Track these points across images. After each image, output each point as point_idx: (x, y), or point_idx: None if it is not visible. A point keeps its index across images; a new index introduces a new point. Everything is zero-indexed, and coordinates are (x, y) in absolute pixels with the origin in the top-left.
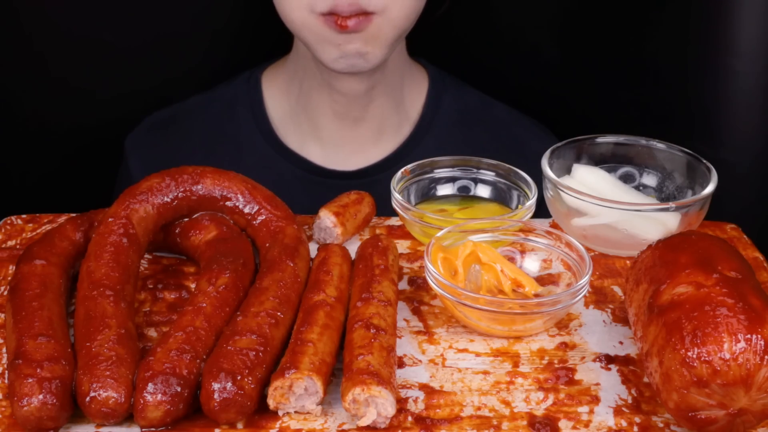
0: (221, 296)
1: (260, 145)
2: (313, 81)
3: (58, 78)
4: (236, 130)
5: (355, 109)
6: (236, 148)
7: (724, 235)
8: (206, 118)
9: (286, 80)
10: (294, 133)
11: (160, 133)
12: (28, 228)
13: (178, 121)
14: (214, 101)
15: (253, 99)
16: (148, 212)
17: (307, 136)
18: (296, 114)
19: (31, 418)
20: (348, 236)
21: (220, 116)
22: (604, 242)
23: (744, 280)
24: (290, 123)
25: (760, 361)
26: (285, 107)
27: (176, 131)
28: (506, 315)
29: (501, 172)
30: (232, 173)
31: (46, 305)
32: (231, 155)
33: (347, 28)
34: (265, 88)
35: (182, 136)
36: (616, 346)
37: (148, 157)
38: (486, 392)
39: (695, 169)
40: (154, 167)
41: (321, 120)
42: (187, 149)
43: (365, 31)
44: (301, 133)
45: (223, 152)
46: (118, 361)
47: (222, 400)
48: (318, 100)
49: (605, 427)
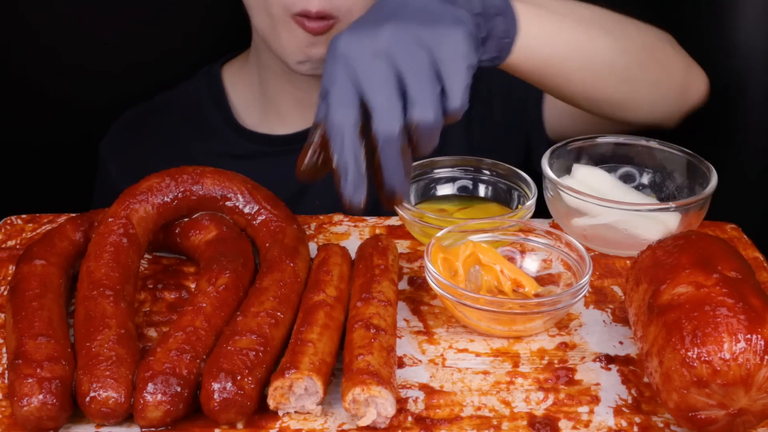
0: (221, 296)
1: (226, 132)
2: (271, 71)
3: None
4: (202, 122)
5: (315, 95)
6: (204, 139)
7: (724, 235)
8: (173, 113)
9: (246, 71)
10: (259, 120)
11: (133, 134)
12: (28, 228)
13: (148, 119)
14: (178, 97)
15: (215, 91)
16: (148, 212)
17: (273, 122)
18: (259, 102)
19: (31, 418)
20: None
21: (186, 111)
22: (604, 242)
23: (744, 280)
24: (254, 110)
25: (760, 361)
26: (248, 96)
27: (147, 130)
28: (506, 315)
29: (501, 172)
30: (232, 173)
31: (46, 305)
32: (201, 146)
33: (313, 30)
34: (227, 79)
35: (153, 134)
36: (616, 346)
37: (124, 159)
38: (486, 392)
39: (695, 169)
40: (131, 168)
41: (283, 106)
42: (160, 146)
43: (329, 34)
44: (266, 120)
45: (194, 145)
46: (118, 361)
47: (222, 400)
48: (279, 88)
49: (605, 427)
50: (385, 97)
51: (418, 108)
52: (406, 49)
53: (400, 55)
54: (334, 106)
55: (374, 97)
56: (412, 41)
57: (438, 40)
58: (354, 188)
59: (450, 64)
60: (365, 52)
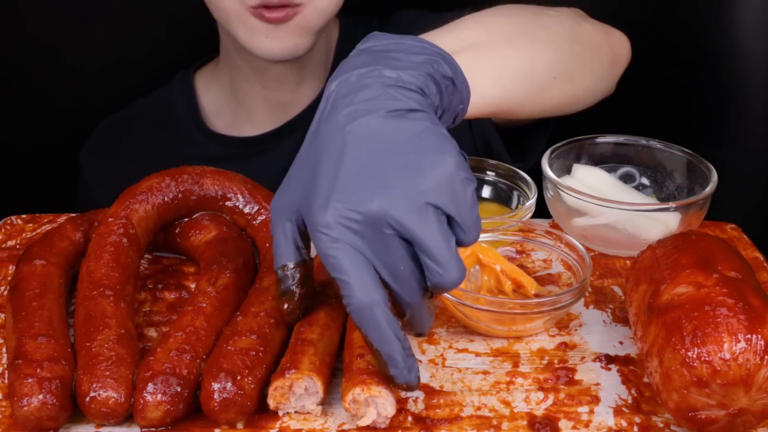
0: (221, 296)
1: (196, 136)
2: (241, 72)
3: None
4: (175, 128)
5: (284, 94)
6: (177, 144)
7: (724, 235)
8: (148, 120)
9: (217, 75)
10: (230, 123)
11: (109, 143)
12: (28, 228)
13: (124, 127)
14: (154, 103)
15: (187, 96)
16: (148, 212)
17: (243, 124)
18: (230, 105)
19: (31, 418)
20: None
21: (160, 117)
22: (604, 242)
23: (744, 280)
24: (226, 113)
25: (760, 361)
26: (221, 100)
27: (123, 138)
28: (506, 315)
29: (501, 172)
30: (232, 173)
31: (46, 305)
32: (173, 152)
33: (275, 20)
34: (199, 83)
35: (129, 142)
36: (616, 346)
37: (102, 167)
38: (486, 392)
39: (695, 169)
40: (108, 176)
41: (253, 107)
42: (136, 153)
43: (292, 21)
44: (237, 122)
45: (167, 151)
46: (118, 361)
47: (222, 400)
48: (249, 89)
49: (605, 427)
50: (408, 268)
51: (441, 272)
52: (409, 215)
53: (407, 223)
54: (357, 290)
55: (394, 274)
56: (411, 206)
57: (436, 190)
58: (408, 370)
59: (458, 207)
60: (366, 231)
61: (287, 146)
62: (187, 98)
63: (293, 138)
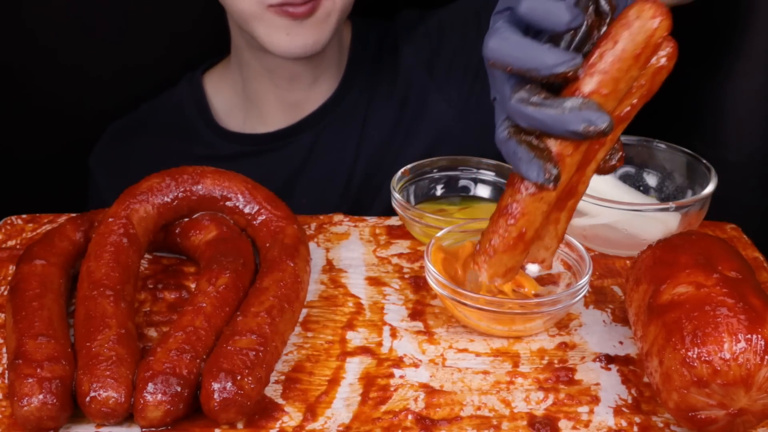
0: (221, 296)
1: (208, 136)
2: (253, 71)
3: (65, 80)
4: (186, 128)
5: (297, 93)
6: (188, 144)
7: (724, 235)
8: (157, 122)
9: (228, 75)
10: (242, 122)
11: (118, 146)
12: (28, 228)
13: (133, 130)
14: (162, 105)
15: (197, 96)
16: (148, 212)
17: (255, 123)
18: (242, 104)
19: (31, 418)
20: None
21: (169, 118)
22: (604, 242)
23: (744, 280)
24: (237, 113)
25: (760, 361)
26: (232, 100)
27: (132, 141)
28: (506, 315)
29: (501, 172)
30: (232, 173)
31: (46, 305)
32: (184, 152)
33: (300, 15)
34: (208, 85)
35: (138, 144)
36: (616, 346)
37: (112, 170)
38: (486, 392)
39: (695, 169)
40: (118, 179)
41: (264, 106)
42: (146, 155)
43: (314, 16)
44: (249, 121)
45: (178, 152)
46: (118, 361)
47: (222, 400)
48: (260, 88)
49: (605, 427)
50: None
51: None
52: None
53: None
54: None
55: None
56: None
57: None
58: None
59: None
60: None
61: (300, 144)
62: (197, 99)
63: (306, 136)
